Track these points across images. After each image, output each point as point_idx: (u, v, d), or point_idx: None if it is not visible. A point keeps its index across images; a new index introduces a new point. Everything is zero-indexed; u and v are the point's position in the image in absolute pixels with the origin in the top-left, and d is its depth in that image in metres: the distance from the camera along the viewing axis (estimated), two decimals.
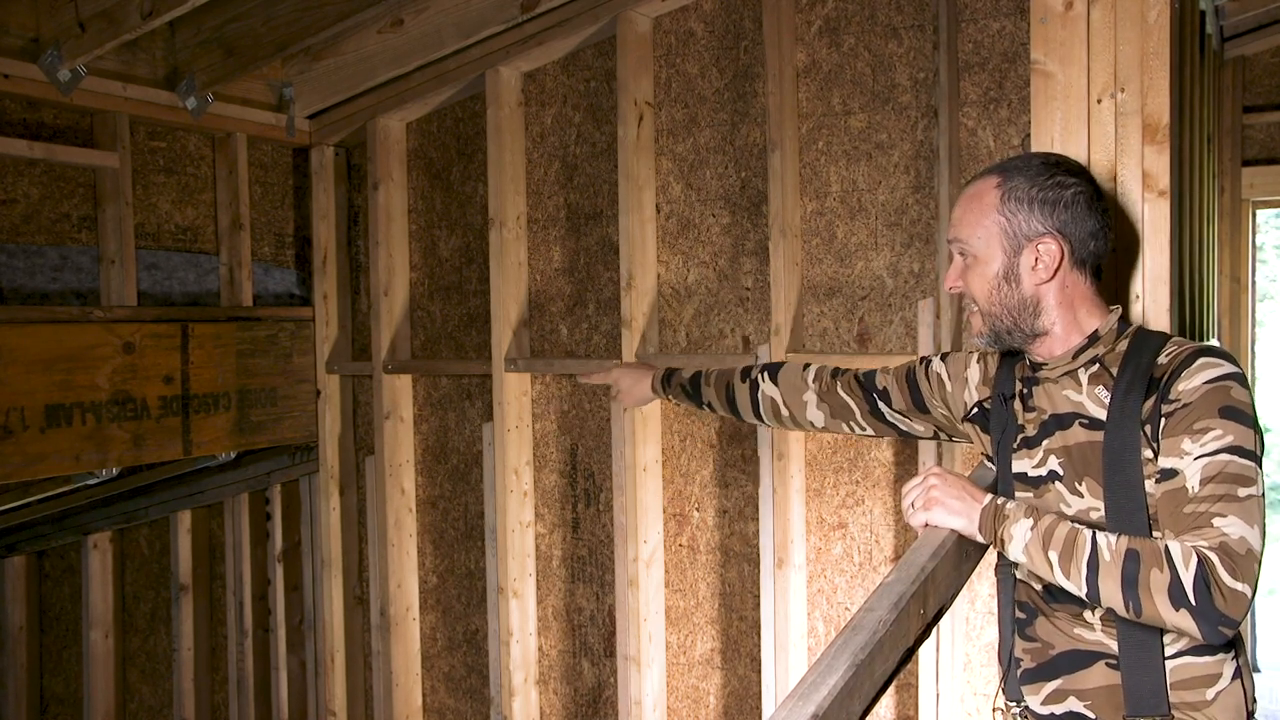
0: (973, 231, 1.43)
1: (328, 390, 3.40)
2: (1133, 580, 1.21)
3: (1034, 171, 1.41)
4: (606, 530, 2.94)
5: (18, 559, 3.97)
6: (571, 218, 2.98)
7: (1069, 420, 1.42)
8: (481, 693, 3.26)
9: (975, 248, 1.44)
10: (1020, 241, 1.40)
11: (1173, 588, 1.18)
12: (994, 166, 1.47)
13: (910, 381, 1.71)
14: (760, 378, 1.93)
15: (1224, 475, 1.23)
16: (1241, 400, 1.28)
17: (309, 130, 3.34)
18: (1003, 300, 1.43)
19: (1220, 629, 1.18)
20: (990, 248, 1.42)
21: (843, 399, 1.80)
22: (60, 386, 2.66)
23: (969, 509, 1.39)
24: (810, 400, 1.84)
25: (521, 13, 2.77)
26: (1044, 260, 1.40)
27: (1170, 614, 1.19)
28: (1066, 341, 1.43)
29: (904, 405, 1.72)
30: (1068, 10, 1.63)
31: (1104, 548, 1.25)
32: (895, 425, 1.76)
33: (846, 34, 2.53)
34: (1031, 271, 1.40)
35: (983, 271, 1.43)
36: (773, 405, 1.91)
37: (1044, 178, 1.40)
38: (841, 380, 1.81)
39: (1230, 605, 1.17)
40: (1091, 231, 1.41)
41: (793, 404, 1.87)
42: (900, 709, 2.53)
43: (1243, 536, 1.19)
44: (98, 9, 2.51)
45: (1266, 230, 10.89)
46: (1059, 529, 1.29)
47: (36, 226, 2.80)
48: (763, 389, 1.92)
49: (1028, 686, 1.47)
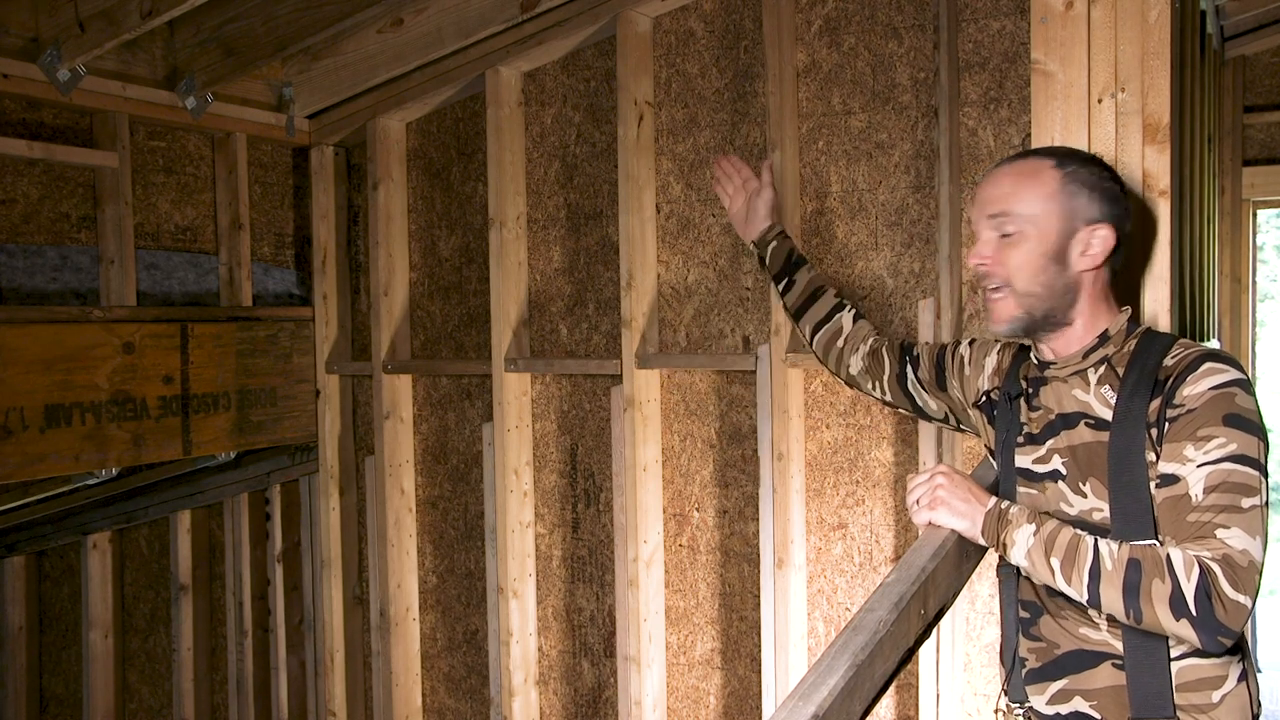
0: (1030, 206, 1.39)
1: (327, 390, 3.40)
2: (1134, 589, 1.22)
3: (1084, 160, 1.43)
4: (606, 530, 2.94)
5: (18, 559, 3.97)
6: (571, 218, 2.98)
7: (1075, 420, 1.42)
8: (481, 693, 3.25)
9: (1028, 223, 1.39)
10: (1076, 225, 1.39)
11: (1174, 598, 1.19)
12: (1039, 150, 1.46)
13: (939, 356, 1.73)
14: (846, 306, 1.93)
15: (1227, 485, 1.23)
16: (1246, 408, 1.28)
17: (309, 130, 3.34)
18: (1048, 281, 1.39)
19: (1219, 639, 1.20)
20: (1047, 224, 1.39)
21: (882, 357, 1.82)
22: (60, 386, 2.66)
23: (973, 511, 1.39)
24: (862, 349, 1.85)
25: (521, 12, 2.77)
26: (1095, 247, 1.39)
27: (1171, 623, 1.21)
28: (1081, 339, 1.43)
29: (927, 376, 1.74)
30: (1068, 10, 1.63)
31: (1106, 556, 1.25)
32: (913, 397, 1.77)
33: (846, 34, 2.53)
34: (1081, 257, 1.39)
35: (1031, 249, 1.39)
36: (836, 333, 1.91)
37: (1099, 168, 1.42)
38: (888, 344, 1.84)
39: (1230, 616, 1.18)
40: (1129, 232, 1.44)
41: (851, 343, 1.88)
42: (900, 709, 2.53)
43: (1245, 549, 1.20)
44: (97, 9, 2.51)
45: (1266, 230, 10.90)
46: (1061, 535, 1.29)
47: (36, 226, 2.79)
48: (842, 315, 1.92)
49: (1032, 686, 1.47)
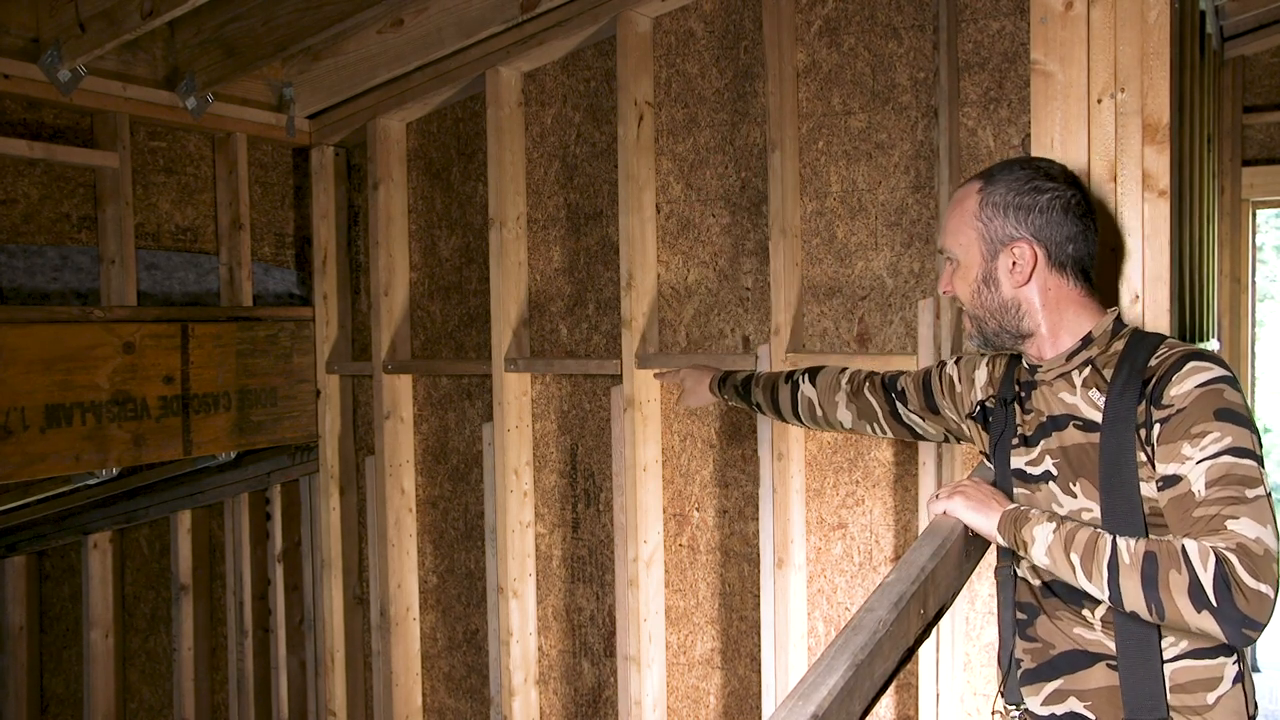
0: (955, 239, 1.49)
1: (328, 390, 3.40)
2: (1152, 581, 1.21)
3: (1013, 177, 1.44)
4: (606, 530, 2.94)
5: (18, 559, 3.97)
6: (571, 218, 2.98)
7: (1064, 422, 1.43)
8: (481, 693, 3.25)
9: (957, 254, 1.49)
10: (996, 246, 1.44)
11: (1192, 588, 1.17)
12: (981, 173, 1.50)
13: (925, 382, 1.77)
14: (801, 380, 2.01)
15: (1230, 477, 1.22)
16: (1235, 402, 1.28)
17: (309, 130, 3.34)
18: (984, 303, 1.47)
19: (1244, 631, 1.16)
20: (970, 253, 1.47)
21: (868, 400, 1.87)
22: (60, 386, 2.66)
23: (992, 509, 1.43)
24: (841, 400, 1.92)
25: (521, 13, 2.77)
26: (1019, 264, 1.43)
27: (1193, 616, 1.18)
28: (1057, 344, 1.45)
29: (918, 405, 1.78)
30: (1068, 10, 1.63)
31: (1124, 550, 1.25)
32: (911, 427, 1.82)
33: (846, 34, 2.53)
34: (1009, 275, 1.44)
35: (964, 276, 1.49)
36: (809, 405, 1.99)
37: (1021, 183, 1.43)
38: (869, 382, 1.88)
39: (1253, 606, 1.15)
40: (1069, 235, 1.42)
41: (826, 404, 1.95)
42: (900, 709, 2.53)
43: (1259, 537, 1.18)
44: (98, 9, 2.51)
45: (1266, 230, 10.88)
46: (1080, 533, 1.30)
47: (36, 226, 2.80)
48: (802, 390, 2.00)
49: (1027, 687, 1.47)
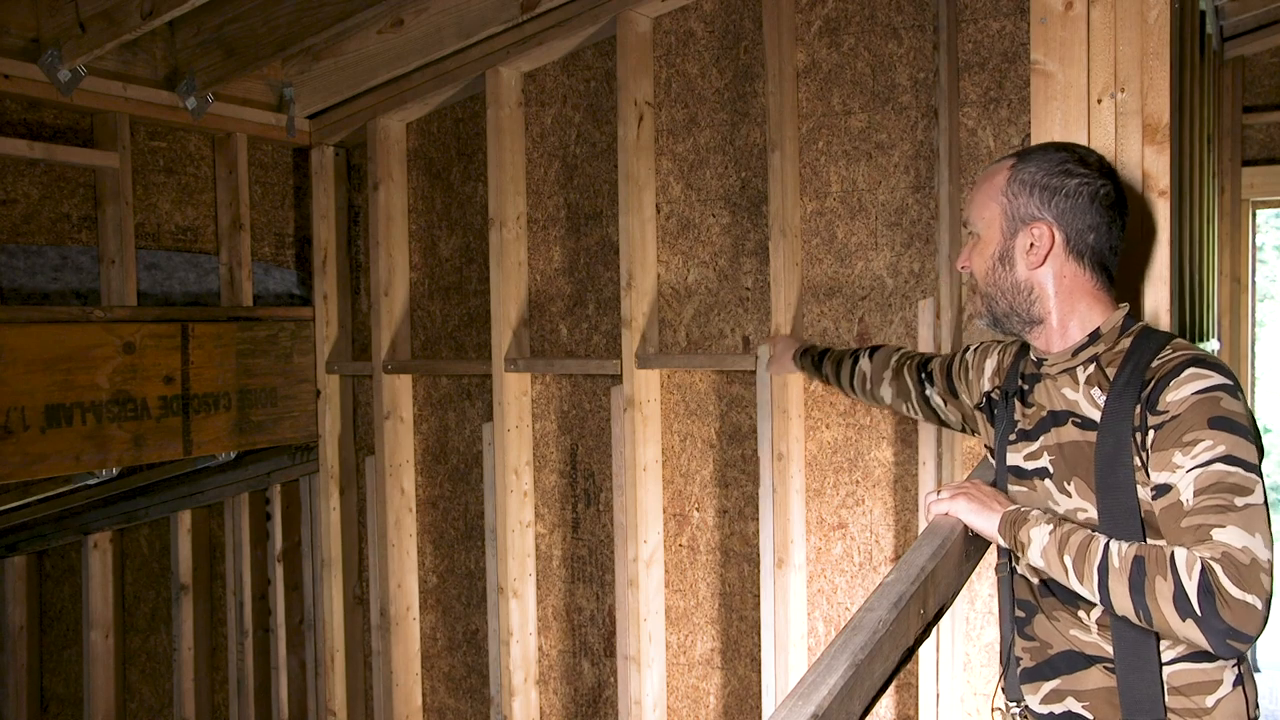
0: (979, 212, 1.47)
1: (328, 390, 3.40)
2: (1139, 587, 1.19)
3: (1046, 158, 1.43)
4: (606, 530, 2.94)
5: (18, 559, 3.97)
6: (571, 218, 2.98)
7: (1064, 418, 1.42)
8: (481, 693, 3.26)
9: (979, 228, 1.47)
10: (1017, 224, 1.43)
11: (1177, 596, 1.15)
12: (1017, 150, 1.49)
13: (949, 366, 1.79)
14: (862, 354, 2.11)
15: (1219, 486, 1.20)
16: (1233, 410, 1.25)
17: (309, 130, 3.34)
18: (997, 281, 1.45)
19: (1229, 642, 1.14)
20: (991, 229, 1.45)
21: (905, 380, 1.93)
22: (60, 386, 2.66)
23: (992, 510, 1.42)
24: (886, 377, 2.00)
25: (521, 13, 2.77)
26: (1037, 245, 1.41)
27: (1178, 624, 1.16)
28: (1065, 336, 1.43)
29: (941, 388, 1.81)
30: (1068, 10, 1.63)
31: (1114, 553, 1.23)
32: (936, 411, 1.86)
33: (846, 34, 2.53)
34: (1025, 255, 1.42)
35: (982, 252, 1.47)
36: (863, 378, 2.08)
37: (1054, 165, 1.42)
38: (909, 363, 1.94)
39: (1238, 617, 1.12)
40: (1091, 225, 1.40)
41: (874, 380, 2.04)
42: (900, 709, 2.53)
43: (1245, 546, 1.15)
44: (98, 9, 2.51)
45: (1266, 230, 10.88)
46: (1075, 535, 1.29)
47: (37, 226, 2.80)
48: (860, 363, 2.10)
49: (1027, 685, 1.47)
